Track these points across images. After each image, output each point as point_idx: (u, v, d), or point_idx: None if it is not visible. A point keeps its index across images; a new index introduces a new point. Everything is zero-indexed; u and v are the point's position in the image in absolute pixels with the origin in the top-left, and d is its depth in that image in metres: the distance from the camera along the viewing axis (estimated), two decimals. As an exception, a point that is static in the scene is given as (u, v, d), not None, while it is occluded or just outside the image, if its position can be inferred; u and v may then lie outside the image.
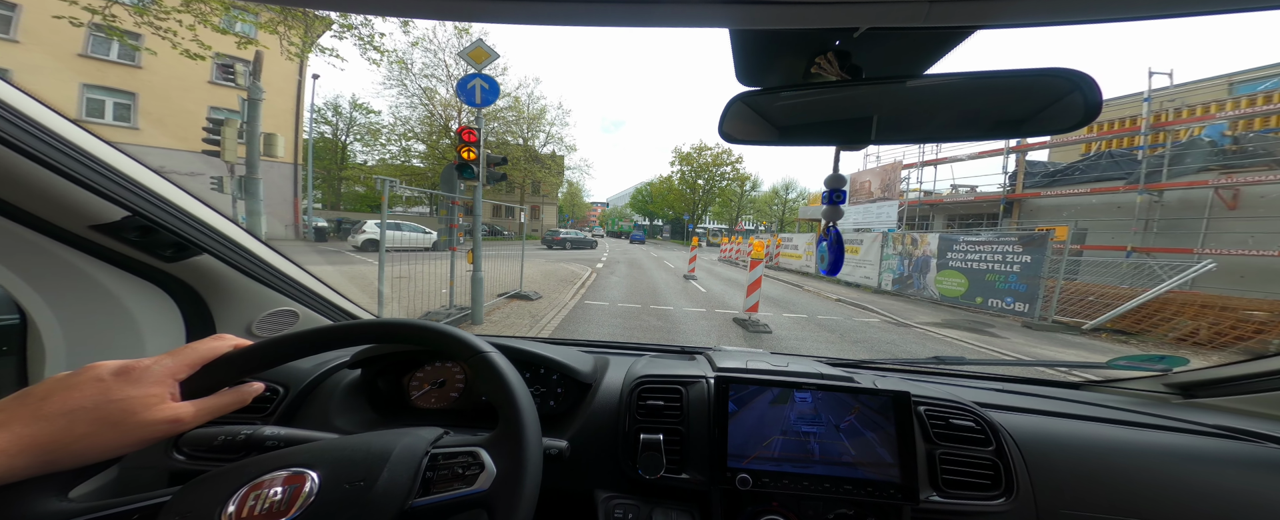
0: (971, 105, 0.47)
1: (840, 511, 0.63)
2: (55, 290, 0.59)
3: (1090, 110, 0.39)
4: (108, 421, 0.33)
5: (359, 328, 0.46)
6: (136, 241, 0.59)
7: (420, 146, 24.98)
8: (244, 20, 6.48)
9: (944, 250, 8.03)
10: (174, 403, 0.37)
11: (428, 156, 24.96)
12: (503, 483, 0.37)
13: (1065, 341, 5.32)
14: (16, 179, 0.47)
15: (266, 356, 0.43)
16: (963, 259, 7.63)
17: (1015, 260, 6.64)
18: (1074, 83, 0.38)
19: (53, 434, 0.32)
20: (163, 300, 0.70)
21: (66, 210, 0.53)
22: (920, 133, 0.54)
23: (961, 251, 7.66)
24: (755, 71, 0.48)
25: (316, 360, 0.77)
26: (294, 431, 0.48)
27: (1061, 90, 0.40)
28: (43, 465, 0.32)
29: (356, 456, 0.37)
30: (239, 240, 0.71)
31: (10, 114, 0.44)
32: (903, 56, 0.46)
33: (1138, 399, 0.88)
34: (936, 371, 1.02)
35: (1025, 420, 0.72)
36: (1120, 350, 5.05)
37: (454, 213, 4.53)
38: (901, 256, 9.20)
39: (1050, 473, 0.65)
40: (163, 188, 0.60)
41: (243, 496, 0.33)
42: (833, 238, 0.54)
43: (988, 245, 7.18)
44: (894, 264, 9.41)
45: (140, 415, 0.34)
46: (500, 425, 0.41)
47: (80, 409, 0.33)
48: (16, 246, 0.54)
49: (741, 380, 0.68)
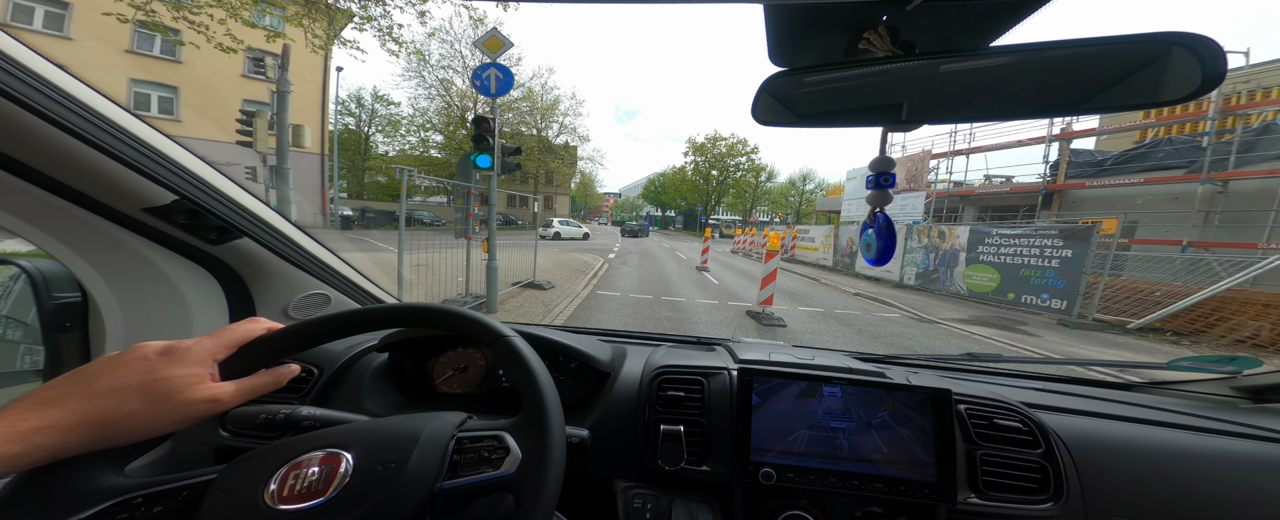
0: (1050, 79, 0.42)
1: (869, 510, 0.61)
2: (113, 269, 0.62)
3: (1209, 79, 0.33)
4: (153, 398, 0.35)
5: (384, 312, 0.47)
6: (184, 224, 0.62)
7: (438, 137, 25.48)
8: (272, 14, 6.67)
9: (975, 244, 7.66)
10: (213, 383, 0.38)
11: (445, 147, 25.44)
12: (528, 466, 0.37)
13: (1107, 341, 5.03)
14: (79, 164, 0.50)
15: (298, 339, 0.45)
16: (995, 253, 7.25)
17: (1054, 254, 6.25)
18: (1191, 47, 0.33)
19: (104, 410, 0.33)
20: (207, 280, 0.73)
21: (122, 193, 0.55)
22: (984, 110, 0.50)
23: (994, 245, 7.28)
24: (792, 51, 0.45)
25: (348, 343, 0.79)
26: (328, 412, 0.49)
27: (1170, 58, 0.35)
28: (97, 440, 0.33)
29: (388, 439, 0.38)
30: (276, 225, 0.73)
31: (72, 103, 0.46)
32: (960, 29, 0.42)
33: (1201, 403, 0.82)
34: (972, 369, 0.98)
35: (1074, 421, 0.69)
36: (1172, 351, 4.72)
37: (469, 202, 4.58)
38: (927, 250, 8.84)
39: (1102, 477, 0.62)
40: (207, 173, 0.62)
41: (284, 475, 0.34)
42: (882, 223, 0.50)
43: (1024, 239, 6.78)
44: (918, 258, 9.04)
45: (183, 394, 0.36)
46: (524, 409, 0.41)
47: (128, 386, 0.34)
48: (78, 229, 0.57)
49: (766, 373, 0.66)
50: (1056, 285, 6.17)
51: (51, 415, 0.31)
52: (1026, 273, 6.64)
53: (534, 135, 27.34)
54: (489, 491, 0.37)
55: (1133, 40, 0.35)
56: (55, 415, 0.31)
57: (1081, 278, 5.81)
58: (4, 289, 0.67)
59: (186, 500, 0.34)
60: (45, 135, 0.46)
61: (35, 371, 0.64)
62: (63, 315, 0.63)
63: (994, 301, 7.14)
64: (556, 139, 29.82)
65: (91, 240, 0.59)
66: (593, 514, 0.64)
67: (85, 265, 0.60)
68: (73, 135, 0.47)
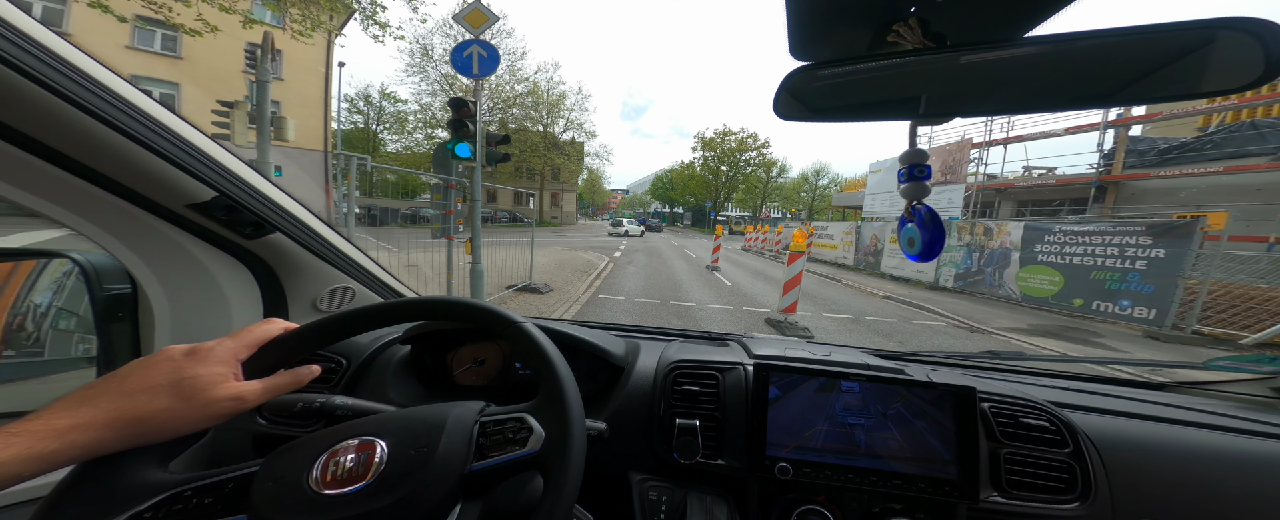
0: (1082, 68, 0.43)
1: (887, 506, 0.64)
2: (160, 262, 0.69)
3: (1273, 65, 0.35)
4: (182, 395, 0.38)
5: (393, 307, 0.51)
6: (223, 219, 0.69)
7: (443, 134, 26.28)
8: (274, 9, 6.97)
9: (1031, 241, 7.23)
10: (237, 382, 0.42)
11: None
12: (552, 444, 0.41)
13: (1142, 343, 4.77)
14: (129, 161, 0.56)
15: (314, 337, 0.49)
16: (1058, 252, 6.88)
17: (1140, 254, 5.78)
18: (1255, 34, 0.35)
19: (135, 407, 0.36)
20: (243, 274, 0.80)
21: (168, 190, 0.62)
22: (1007, 103, 0.52)
23: (1056, 243, 6.90)
24: (814, 45, 0.47)
25: (372, 336, 0.86)
26: (359, 402, 0.54)
27: (1223, 44, 0.36)
28: (130, 437, 0.37)
29: (416, 427, 0.42)
30: (306, 220, 0.80)
31: (122, 103, 0.52)
32: (994, 20, 0.44)
33: (1238, 403, 0.84)
34: (994, 367, 1.02)
35: (1104, 421, 0.72)
36: (1204, 353, 4.36)
37: (449, 197, 4.26)
38: (968, 248, 8.61)
39: (1132, 478, 0.64)
40: (244, 171, 0.68)
41: (324, 462, 0.38)
42: (924, 215, 0.52)
43: (1098, 236, 6.33)
44: (958, 257, 8.83)
45: (208, 392, 0.39)
46: (542, 391, 0.45)
47: (158, 385, 0.38)
48: (128, 223, 0.65)
49: (784, 369, 0.70)
50: (1141, 290, 5.75)
51: (86, 414, 0.35)
52: (1100, 275, 6.24)
53: (539, 131, 27.96)
54: (517, 470, 0.41)
55: (1182, 27, 0.36)
56: (90, 414, 0.35)
57: (1177, 282, 5.32)
58: (58, 282, 0.75)
59: (234, 490, 0.39)
60: (98, 134, 0.51)
61: (88, 359, 0.72)
62: (115, 306, 0.70)
63: (1056, 308, 6.79)
64: (563, 135, 31.39)
65: (140, 234, 0.66)
66: (609, 506, 0.68)
67: (135, 258, 0.67)
68: (123, 134, 0.53)
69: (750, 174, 43.82)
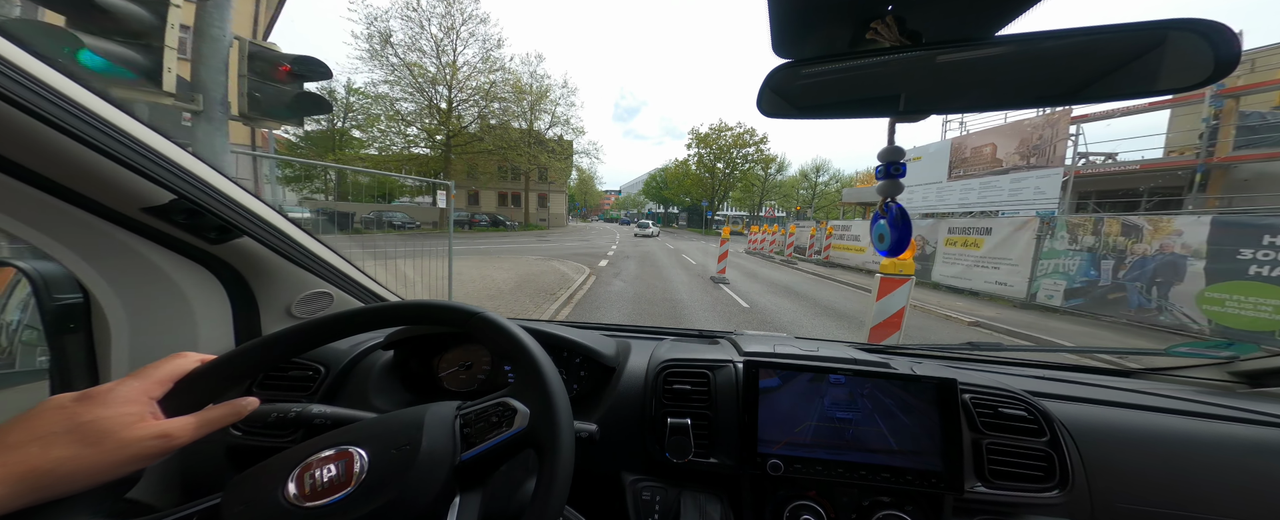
0: (1056, 68, 0.49)
1: (876, 499, 0.69)
2: (114, 270, 0.73)
3: (1222, 65, 0.40)
4: (87, 441, 0.38)
5: (344, 318, 0.53)
6: (184, 224, 0.73)
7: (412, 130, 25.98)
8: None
9: (1226, 246, 5.23)
10: (162, 420, 0.42)
11: (428, 143, 25.99)
12: (539, 418, 0.44)
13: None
14: (74, 164, 0.56)
15: (243, 365, 0.49)
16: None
17: None
18: (1203, 34, 0.39)
19: (27, 460, 0.36)
20: (210, 280, 0.85)
21: (120, 193, 0.64)
22: (983, 99, 0.57)
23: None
24: (796, 42, 0.52)
25: (351, 342, 0.91)
26: (339, 410, 0.58)
27: (1179, 44, 0.41)
28: (30, 492, 0.36)
29: (394, 429, 0.45)
30: (276, 224, 0.85)
31: (66, 102, 0.53)
32: (968, 19, 0.49)
33: (1200, 388, 0.94)
34: (975, 358, 1.11)
35: (1078, 409, 0.79)
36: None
37: None
38: (1089, 254, 6.91)
39: (1106, 464, 0.71)
40: (206, 172, 0.73)
41: (299, 475, 0.40)
42: (895, 213, 0.58)
43: None
44: (1072, 265, 7.14)
45: (121, 434, 0.39)
46: (517, 373, 0.49)
47: (49, 434, 0.38)
48: (77, 229, 0.67)
49: (772, 365, 0.75)
50: None
51: None
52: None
53: (521, 128, 27.88)
54: (510, 451, 0.44)
55: (1140, 28, 0.41)
56: None
57: None
58: (5, 292, 0.78)
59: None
60: (40, 135, 0.51)
61: (43, 371, 0.76)
62: (65, 317, 0.74)
63: (1279, 343, 4.67)
64: (548, 131, 31.17)
65: (90, 241, 0.69)
66: (602, 507, 0.72)
67: (85, 266, 0.70)
68: (68, 135, 0.53)
69: (748, 171, 44.97)
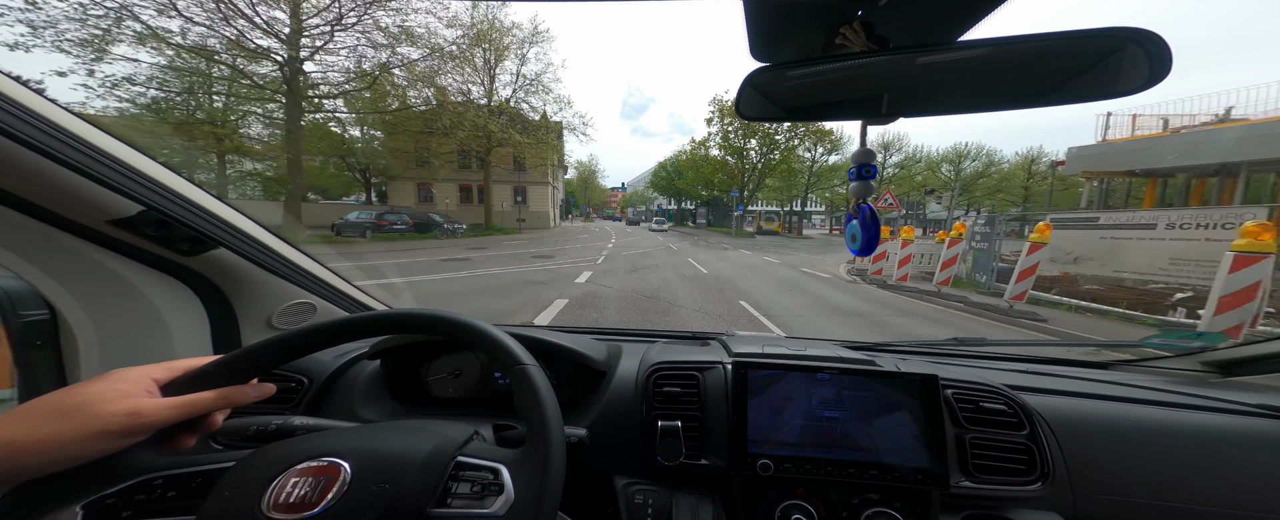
0: (1016, 72, 0.52)
1: (866, 496, 0.71)
2: (81, 285, 0.71)
3: (1157, 71, 0.43)
4: (63, 415, 0.37)
5: (350, 323, 0.53)
6: (154, 236, 0.71)
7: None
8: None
9: None
10: (141, 398, 0.41)
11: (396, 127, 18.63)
12: (518, 515, 0.42)
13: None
14: (33, 176, 0.55)
15: (248, 364, 0.50)
16: None
17: None
18: (1139, 42, 0.43)
19: (9, 431, 0.36)
20: (185, 293, 0.83)
21: (84, 206, 0.63)
22: (959, 103, 0.60)
23: None
24: (771, 47, 0.55)
25: (335, 352, 0.90)
26: (321, 421, 0.57)
27: (1124, 51, 0.44)
28: (8, 469, 0.36)
29: (387, 452, 0.44)
30: (253, 234, 0.83)
31: (20, 111, 0.52)
32: (933, 24, 0.52)
33: (1173, 378, 0.97)
34: (959, 354, 1.14)
35: (1057, 402, 0.82)
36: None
37: None
38: None
39: (1086, 455, 0.74)
40: (175, 182, 0.72)
41: (283, 482, 0.41)
42: (866, 214, 0.62)
43: None
44: None
45: (94, 407, 0.38)
46: (526, 447, 0.48)
47: (36, 407, 0.38)
48: (40, 243, 0.65)
49: (760, 365, 0.77)
50: None
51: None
52: None
53: (481, 102, 19.48)
54: None
55: (1087, 35, 0.45)
56: None
57: None
58: None
59: (199, 488, 0.42)
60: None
61: None
62: (31, 334, 0.72)
63: None
64: (512, 99, 21.47)
65: (54, 255, 0.67)
66: (594, 511, 0.74)
67: (50, 281, 0.68)
68: (26, 146, 0.52)
69: (789, 150, 32.39)
